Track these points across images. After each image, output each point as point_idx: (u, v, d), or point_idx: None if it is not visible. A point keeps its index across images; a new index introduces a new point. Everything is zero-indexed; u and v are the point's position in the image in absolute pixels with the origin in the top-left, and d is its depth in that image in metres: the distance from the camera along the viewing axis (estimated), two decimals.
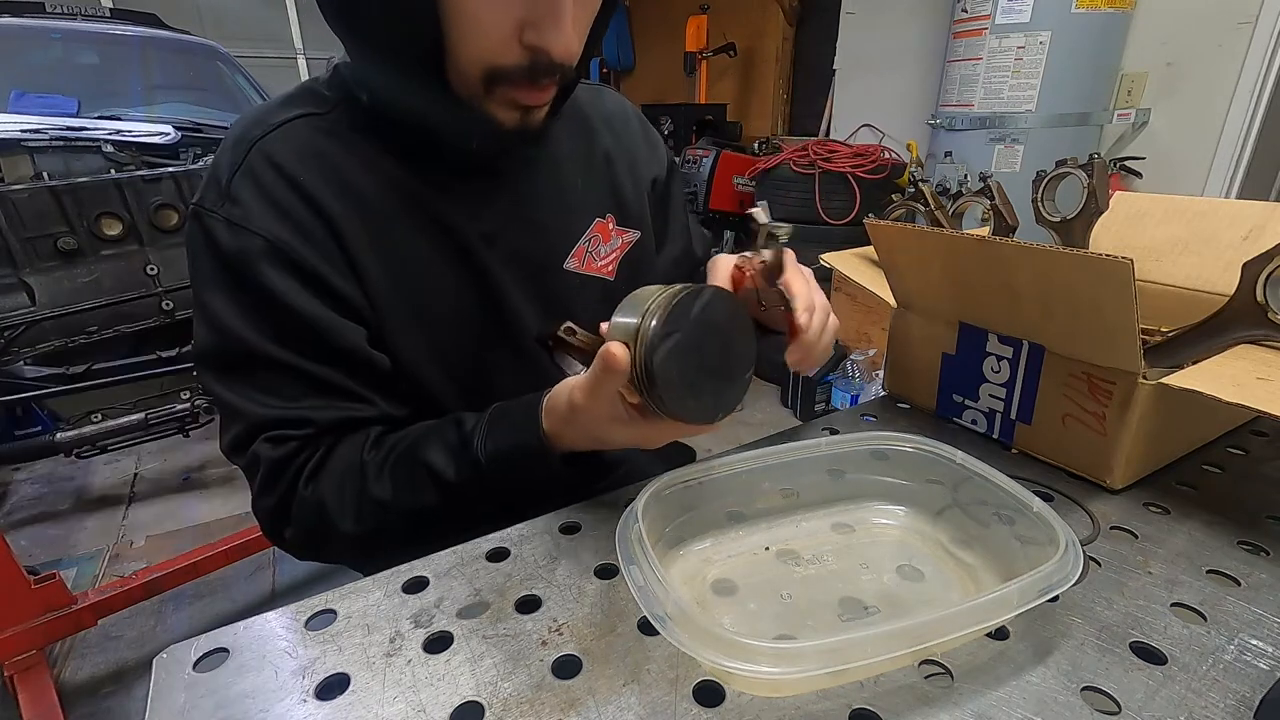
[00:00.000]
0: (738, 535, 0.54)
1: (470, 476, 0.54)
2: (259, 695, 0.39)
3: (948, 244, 0.63)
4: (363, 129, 0.58)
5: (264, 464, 0.56)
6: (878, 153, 2.74)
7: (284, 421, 0.56)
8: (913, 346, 0.74)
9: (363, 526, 0.55)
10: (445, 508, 0.55)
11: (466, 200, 0.61)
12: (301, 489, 0.56)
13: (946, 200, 0.85)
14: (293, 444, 0.56)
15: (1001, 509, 0.48)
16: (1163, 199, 0.81)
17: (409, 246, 0.59)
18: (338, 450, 0.57)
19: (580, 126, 0.69)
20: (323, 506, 0.56)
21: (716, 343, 0.46)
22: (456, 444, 0.55)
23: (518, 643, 0.43)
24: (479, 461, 0.53)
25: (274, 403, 0.56)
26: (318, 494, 0.56)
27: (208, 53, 2.89)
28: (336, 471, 0.56)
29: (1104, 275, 0.49)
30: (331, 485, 0.56)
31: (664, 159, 0.77)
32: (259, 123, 0.57)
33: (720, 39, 4.25)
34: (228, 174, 0.55)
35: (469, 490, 0.54)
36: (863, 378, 2.52)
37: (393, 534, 0.57)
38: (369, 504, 0.55)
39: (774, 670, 0.35)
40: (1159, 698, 0.38)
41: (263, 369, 0.55)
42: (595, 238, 0.68)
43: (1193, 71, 2.20)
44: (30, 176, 1.82)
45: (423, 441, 0.56)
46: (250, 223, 0.53)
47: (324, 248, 0.55)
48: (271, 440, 0.56)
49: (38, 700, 1.32)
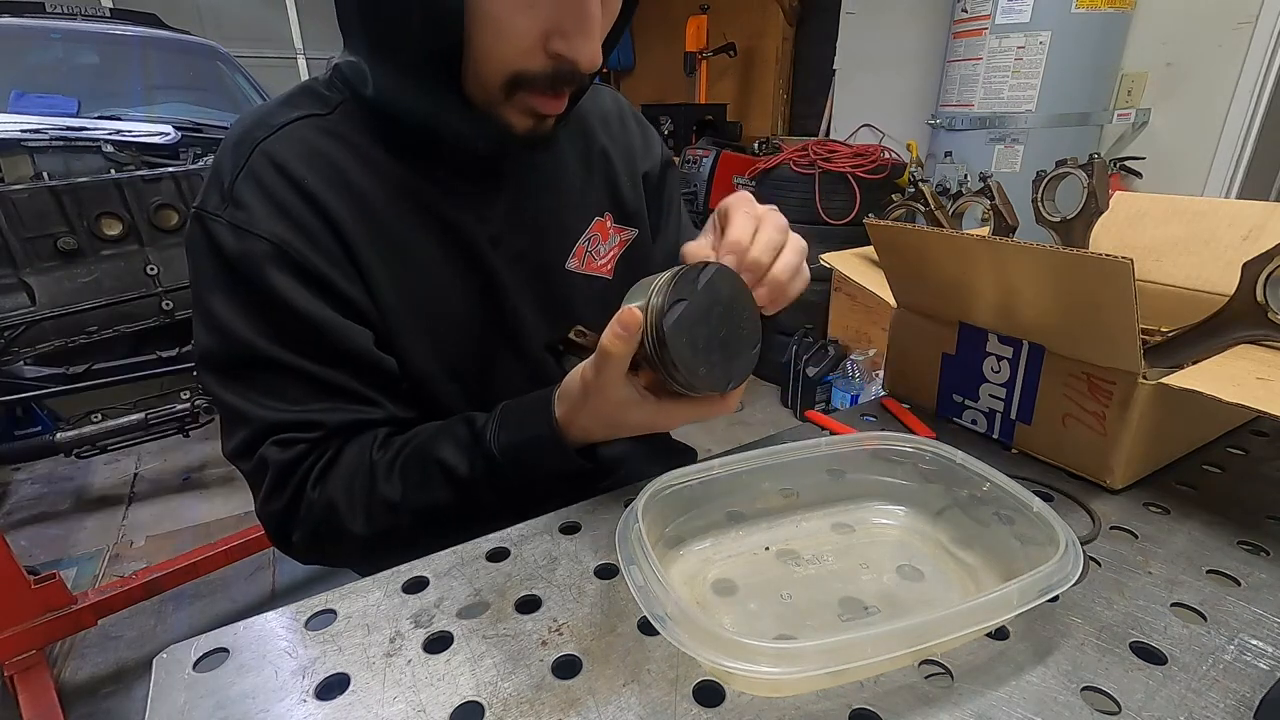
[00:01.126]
0: (738, 535, 0.54)
1: (483, 471, 0.53)
2: (259, 695, 0.39)
3: (948, 244, 0.63)
4: (365, 129, 0.58)
5: (272, 467, 0.55)
6: (878, 153, 2.74)
7: (292, 425, 0.56)
8: (913, 346, 0.74)
9: (373, 527, 0.55)
10: (457, 506, 0.55)
11: (471, 201, 0.60)
12: (309, 492, 0.55)
13: (946, 200, 0.85)
14: (301, 446, 0.56)
15: (1001, 509, 0.48)
16: (1163, 199, 0.81)
17: (415, 248, 0.58)
18: (346, 452, 0.57)
19: (578, 126, 0.69)
20: (332, 508, 0.55)
21: (723, 313, 0.47)
22: (468, 439, 0.54)
23: (518, 643, 0.43)
24: (492, 455, 0.53)
25: (281, 406, 0.55)
26: (326, 495, 0.55)
27: (208, 53, 2.89)
28: (345, 473, 0.56)
29: (1104, 275, 0.49)
30: (340, 486, 0.55)
31: (658, 154, 0.77)
32: (261, 124, 0.56)
33: (720, 39, 4.25)
34: (230, 176, 0.54)
35: (481, 486, 0.54)
36: (863, 378, 2.52)
37: (402, 535, 0.56)
38: (379, 504, 0.55)
39: (774, 670, 0.35)
40: (1159, 698, 0.38)
41: (268, 372, 0.55)
42: (594, 237, 0.68)
43: (1193, 71, 2.20)
44: (30, 176, 1.83)
45: (433, 439, 0.56)
46: (255, 226, 0.53)
47: (329, 250, 0.55)
48: (280, 444, 0.55)
49: (38, 700, 1.32)
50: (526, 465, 0.53)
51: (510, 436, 0.53)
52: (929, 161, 2.61)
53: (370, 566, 0.50)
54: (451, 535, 0.53)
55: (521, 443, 0.53)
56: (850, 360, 2.57)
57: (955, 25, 2.32)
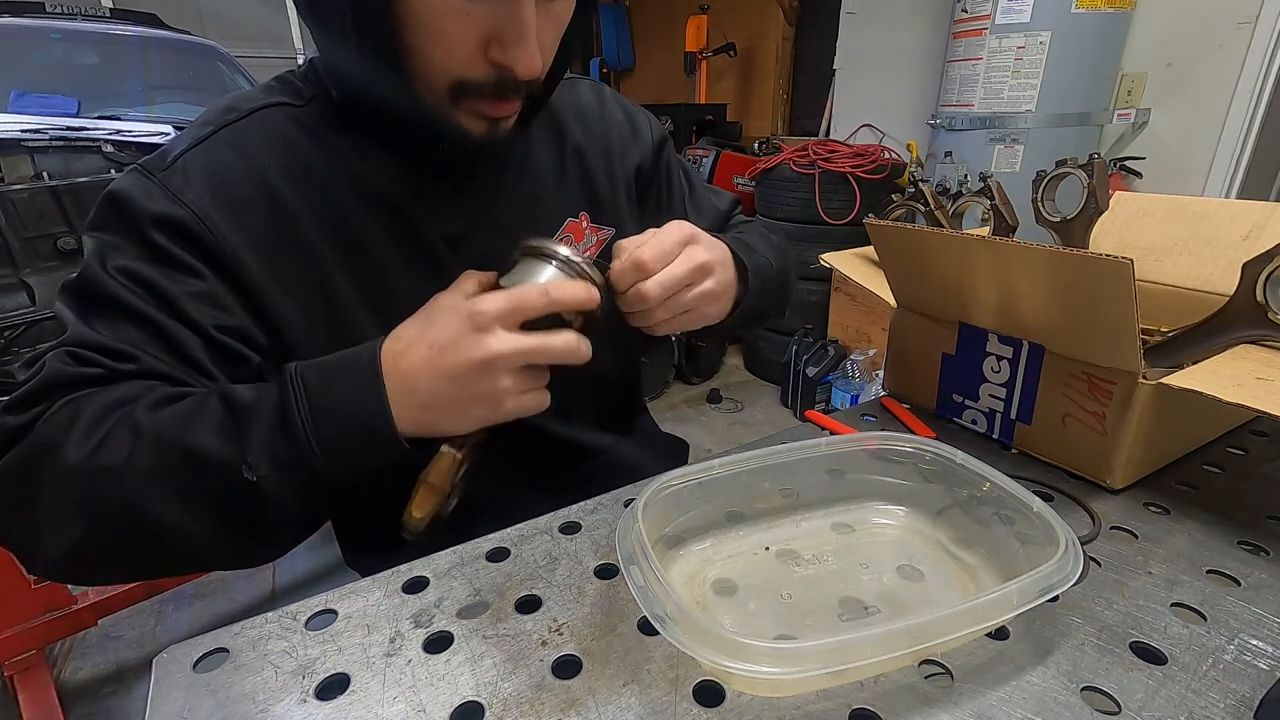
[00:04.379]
0: (738, 535, 0.54)
1: (272, 400, 0.45)
2: (259, 695, 0.39)
3: (948, 244, 0.63)
4: (335, 125, 0.57)
5: (43, 376, 0.46)
6: (878, 153, 2.74)
7: (102, 348, 0.47)
8: (913, 346, 0.74)
9: (94, 459, 0.42)
10: (219, 459, 0.43)
11: (434, 202, 0.60)
12: (56, 408, 0.45)
13: (946, 200, 0.85)
14: (96, 371, 0.46)
15: (1001, 509, 0.48)
16: (1163, 199, 0.81)
17: (372, 245, 0.57)
18: (129, 384, 0.47)
19: (550, 125, 0.68)
20: (67, 424, 0.43)
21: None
22: (271, 378, 0.47)
23: (518, 643, 0.43)
24: (289, 376, 0.45)
25: (107, 333, 0.48)
26: (69, 412, 0.44)
27: (207, 53, 2.89)
28: (108, 397, 0.45)
29: (1104, 275, 0.49)
30: (92, 406, 0.44)
31: (649, 139, 0.74)
32: (232, 109, 0.56)
33: (720, 39, 4.25)
34: (183, 147, 0.53)
35: (262, 419, 0.44)
36: (863, 378, 2.52)
37: (122, 486, 0.42)
38: (121, 428, 0.43)
39: (774, 670, 0.35)
40: (1159, 698, 0.38)
41: (116, 309, 0.48)
42: (567, 238, 0.67)
43: (1193, 71, 2.20)
44: (30, 176, 1.82)
45: (194, 418, 0.45)
46: (184, 194, 0.51)
47: (252, 233, 0.52)
48: (75, 357, 0.46)
49: (38, 700, 1.32)
50: (326, 387, 0.45)
51: (324, 359, 0.47)
52: (929, 161, 2.61)
53: (54, 538, 0.42)
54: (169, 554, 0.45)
55: (332, 360, 0.46)
56: (850, 360, 2.57)
57: (955, 25, 2.32)
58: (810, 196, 2.70)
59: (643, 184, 0.74)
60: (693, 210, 0.78)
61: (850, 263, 0.84)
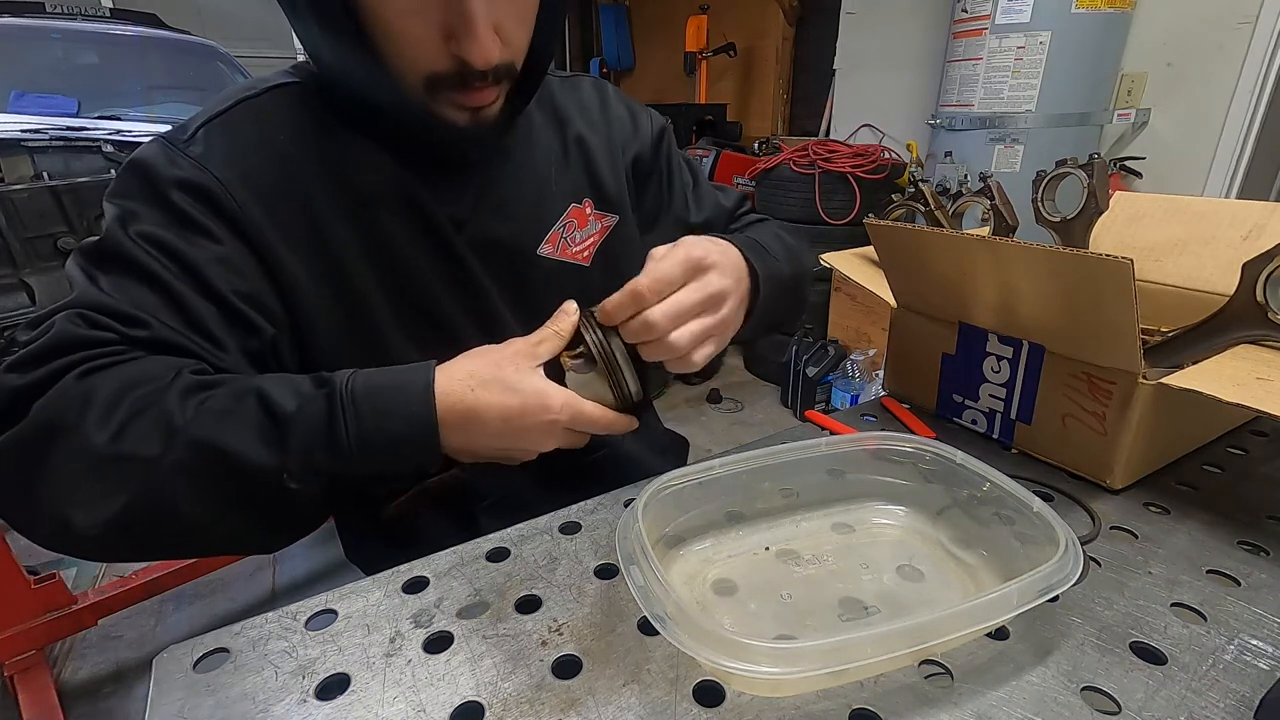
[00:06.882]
0: (738, 535, 0.54)
1: (318, 415, 0.44)
2: (259, 695, 0.39)
3: (948, 244, 0.63)
4: (344, 107, 0.58)
5: (53, 335, 0.44)
6: (878, 153, 2.74)
7: (115, 312, 0.46)
8: (913, 346, 0.74)
9: (119, 446, 0.41)
10: (254, 469, 0.43)
11: (439, 186, 0.61)
12: (72, 379, 0.43)
13: (946, 200, 0.85)
14: (108, 334, 0.45)
15: (1001, 509, 0.48)
16: (1163, 199, 0.81)
17: (381, 218, 0.58)
18: (150, 360, 0.46)
19: (552, 116, 0.69)
20: (85, 402, 0.41)
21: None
22: (311, 381, 0.47)
23: (518, 643, 0.43)
24: (337, 393, 0.45)
25: (119, 296, 0.47)
26: (88, 386, 0.42)
27: (207, 53, 2.89)
28: (131, 374, 0.44)
29: (1104, 275, 0.49)
30: (113, 383, 0.43)
31: (648, 131, 0.75)
32: (249, 86, 0.58)
33: (720, 39, 4.25)
34: (203, 120, 0.55)
35: (303, 434, 0.44)
36: (863, 378, 2.52)
37: (149, 483, 0.41)
38: (151, 419, 0.42)
39: (774, 670, 0.35)
40: (1159, 698, 0.38)
41: (133, 274, 0.48)
42: (571, 223, 0.68)
43: (1193, 71, 2.20)
44: (30, 176, 1.83)
45: (265, 377, 0.47)
46: (206, 162, 0.52)
47: (269, 201, 0.54)
48: (86, 319, 0.45)
49: (38, 700, 1.32)
50: (380, 414, 0.44)
51: (373, 378, 0.46)
52: (929, 161, 2.61)
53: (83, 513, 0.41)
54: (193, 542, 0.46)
55: (385, 385, 0.46)
56: (850, 360, 2.57)
57: (955, 25, 2.32)
58: (810, 197, 2.70)
59: (641, 174, 0.75)
60: (694, 204, 0.79)
61: (850, 263, 0.84)
